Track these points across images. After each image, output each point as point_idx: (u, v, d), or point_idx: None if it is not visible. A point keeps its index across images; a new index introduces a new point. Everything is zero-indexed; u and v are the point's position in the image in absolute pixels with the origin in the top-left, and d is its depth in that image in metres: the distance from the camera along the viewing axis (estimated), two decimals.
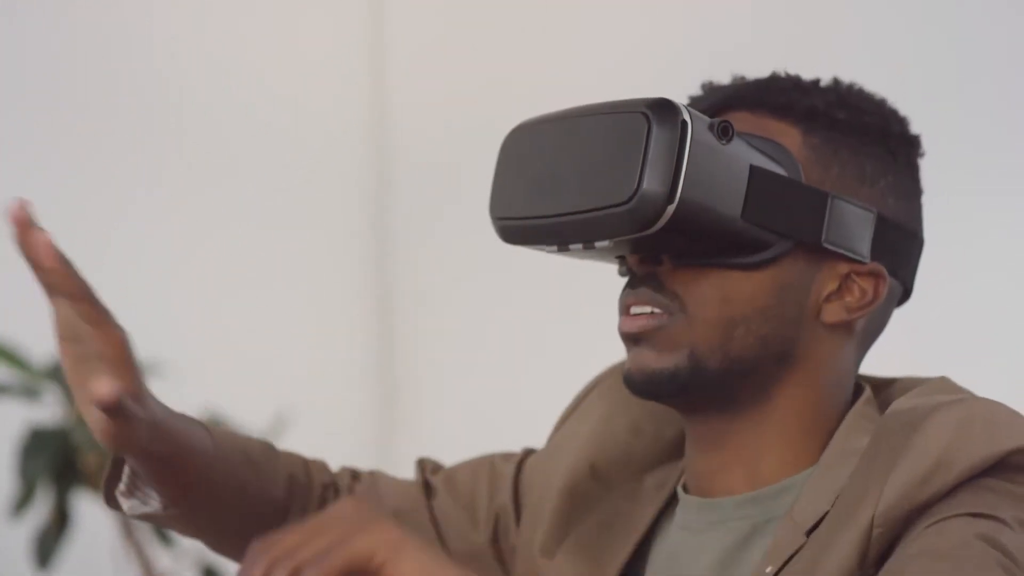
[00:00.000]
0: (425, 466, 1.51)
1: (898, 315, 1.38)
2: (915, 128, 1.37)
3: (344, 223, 3.19)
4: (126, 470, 1.35)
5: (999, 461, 1.19)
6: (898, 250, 1.32)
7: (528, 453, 1.48)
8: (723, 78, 1.37)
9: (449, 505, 1.46)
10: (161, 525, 1.39)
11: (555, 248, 1.29)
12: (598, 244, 1.26)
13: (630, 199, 1.22)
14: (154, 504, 1.35)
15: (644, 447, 1.42)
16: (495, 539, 1.45)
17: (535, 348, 2.90)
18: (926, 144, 1.37)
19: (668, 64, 1.37)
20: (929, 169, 1.37)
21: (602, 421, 1.43)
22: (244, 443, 1.41)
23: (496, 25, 3.02)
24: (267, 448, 1.43)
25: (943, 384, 1.30)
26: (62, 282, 1.17)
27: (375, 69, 3.17)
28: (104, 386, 1.16)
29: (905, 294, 1.36)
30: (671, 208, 1.22)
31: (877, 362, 1.40)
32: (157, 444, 1.26)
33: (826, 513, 1.23)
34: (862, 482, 1.22)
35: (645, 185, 1.21)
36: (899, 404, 1.26)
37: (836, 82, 1.35)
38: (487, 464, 1.48)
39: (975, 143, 2.23)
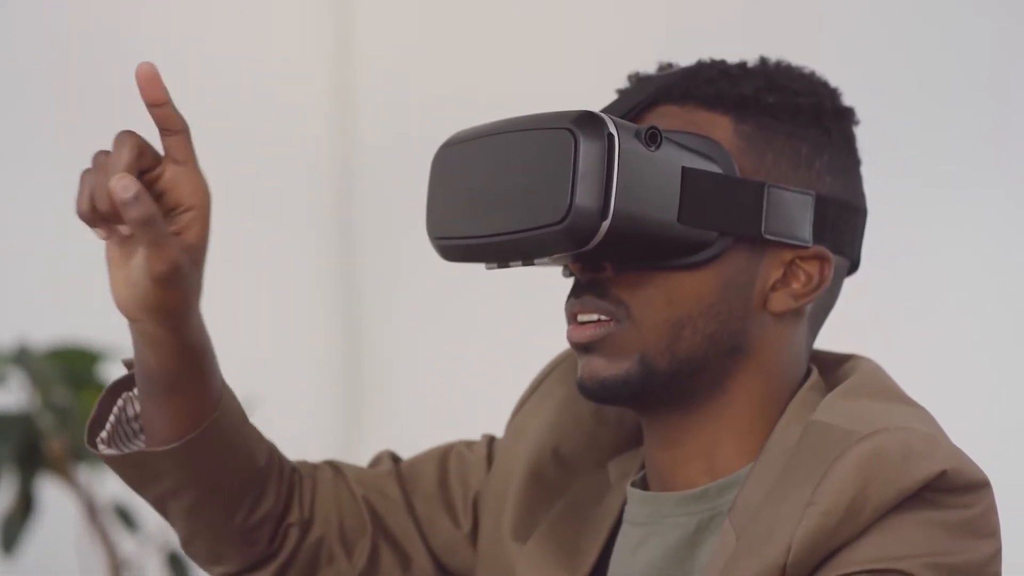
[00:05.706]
0: (393, 461, 1.48)
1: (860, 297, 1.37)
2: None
3: (310, 213, 3.20)
4: (112, 414, 1.31)
5: (916, 492, 1.19)
6: (840, 227, 1.31)
7: (492, 439, 1.48)
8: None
9: (425, 503, 1.44)
10: (133, 479, 1.31)
11: (495, 265, 1.29)
12: (537, 261, 1.26)
13: (564, 217, 1.21)
14: (137, 444, 1.31)
15: (608, 433, 1.42)
16: (476, 527, 1.44)
17: (500, 337, 2.91)
18: (919, 137, 1.35)
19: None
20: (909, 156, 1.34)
21: (564, 406, 1.42)
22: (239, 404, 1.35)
23: (465, 27, 3.03)
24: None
25: (873, 381, 1.30)
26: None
27: (341, 63, 3.18)
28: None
29: (853, 266, 1.35)
30: (606, 223, 1.21)
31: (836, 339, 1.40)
32: (189, 352, 1.24)
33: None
34: (780, 499, 1.21)
35: (578, 202, 1.20)
36: (827, 407, 1.26)
37: (764, 63, 1.34)
38: (453, 454, 1.47)
39: (971, 138, 2.23)
